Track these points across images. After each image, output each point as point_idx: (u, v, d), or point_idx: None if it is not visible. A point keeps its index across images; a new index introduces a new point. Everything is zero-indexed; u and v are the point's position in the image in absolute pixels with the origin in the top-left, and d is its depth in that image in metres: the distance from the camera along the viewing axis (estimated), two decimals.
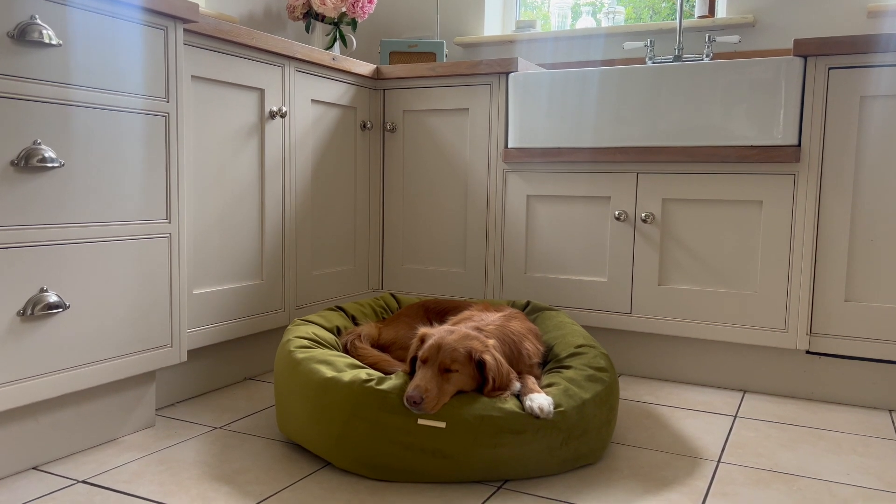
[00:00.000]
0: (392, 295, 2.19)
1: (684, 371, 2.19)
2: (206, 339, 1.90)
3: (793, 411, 1.93)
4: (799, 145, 1.97)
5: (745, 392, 2.10)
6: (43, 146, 1.40)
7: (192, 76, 1.82)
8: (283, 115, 2.09)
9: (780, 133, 1.98)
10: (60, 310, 1.44)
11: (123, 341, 1.59)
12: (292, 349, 1.64)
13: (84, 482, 1.42)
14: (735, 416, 1.88)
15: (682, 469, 1.53)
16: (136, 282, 1.61)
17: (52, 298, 1.43)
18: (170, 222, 1.68)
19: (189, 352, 1.89)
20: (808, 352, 2.03)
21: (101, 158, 1.52)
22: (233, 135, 1.96)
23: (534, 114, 2.27)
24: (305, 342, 1.68)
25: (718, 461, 1.58)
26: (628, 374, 2.26)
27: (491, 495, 1.39)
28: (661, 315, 2.16)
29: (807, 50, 1.93)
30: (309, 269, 2.27)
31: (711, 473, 1.51)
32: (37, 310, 1.40)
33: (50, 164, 1.41)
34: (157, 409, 1.84)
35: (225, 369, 2.07)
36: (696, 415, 1.88)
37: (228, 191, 1.96)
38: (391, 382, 1.46)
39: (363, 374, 1.49)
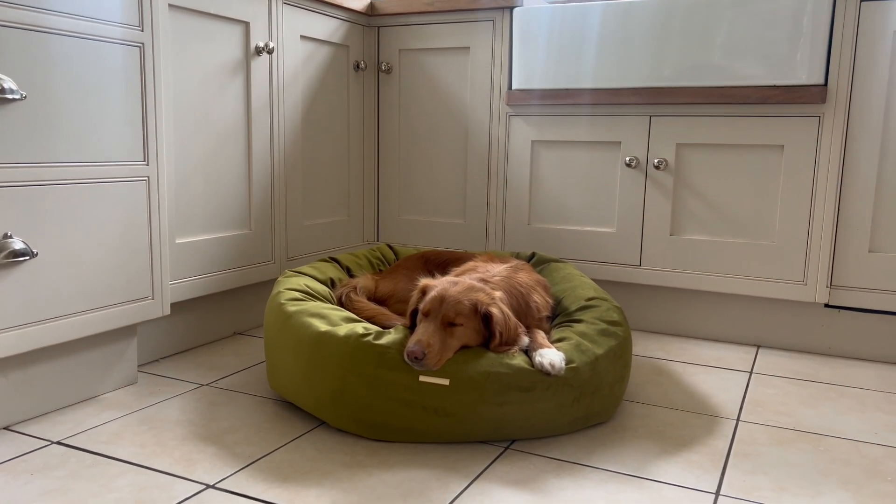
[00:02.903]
0: (389, 246, 2.07)
1: (696, 326, 2.09)
2: (191, 291, 1.79)
3: (811, 367, 1.84)
4: (825, 85, 1.84)
5: (759, 347, 2.01)
6: (1, 75, 1.26)
7: (170, 5, 1.66)
8: (270, 52, 1.93)
9: (805, 72, 1.84)
10: (27, 258, 1.32)
11: (100, 293, 1.47)
12: (283, 302, 1.52)
13: (59, 443, 1.32)
14: (751, 372, 1.78)
15: (699, 428, 1.44)
16: (112, 229, 1.48)
17: (18, 245, 1.30)
18: (147, 164, 1.54)
19: (173, 305, 1.77)
20: (826, 305, 1.94)
21: (69, 92, 1.37)
22: (216, 72, 1.81)
23: (540, 52, 2.11)
24: (297, 294, 1.57)
25: (738, 419, 1.49)
26: (637, 329, 2.16)
27: (497, 456, 1.30)
28: (673, 267, 2.05)
29: None
30: (300, 219, 2.14)
31: (731, 433, 1.42)
32: (0, 257, 1.27)
33: (10, 96, 1.26)
34: (139, 366, 1.73)
35: (212, 323, 1.96)
36: (710, 371, 1.79)
37: (212, 132, 1.82)
38: (390, 337, 1.36)
39: (360, 328, 1.38)
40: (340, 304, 1.66)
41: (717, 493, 1.18)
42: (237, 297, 2.03)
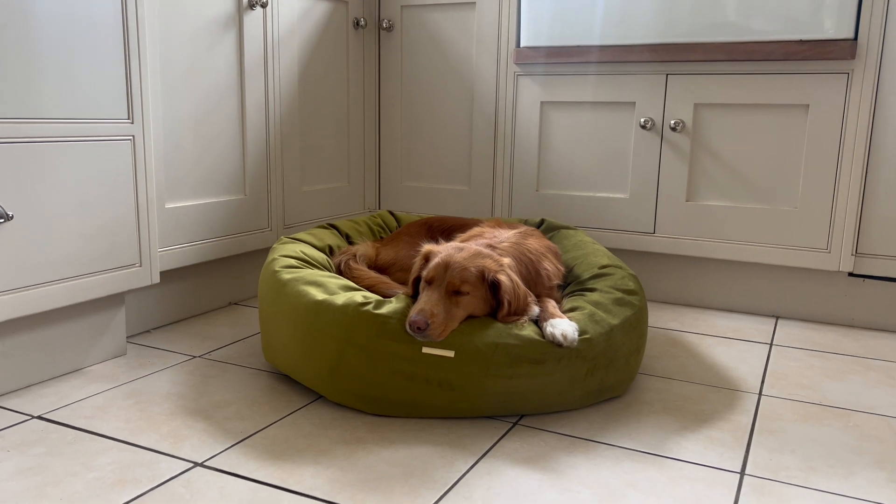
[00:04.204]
0: (391, 212, 1.98)
1: (712, 295, 2.00)
2: (183, 258, 1.70)
3: (834, 339, 1.75)
4: (855, 39, 1.72)
5: (777, 318, 1.92)
6: None
7: None
8: (263, 6, 1.82)
9: (834, 25, 1.73)
10: (2, 220, 1.23)
11: (83, 259, 1.38)
12: (278, 269, 1.43)
13: (39, 418, 1.24)
14: (771, 344, 1.70)
15: (719, 402, 1.36)
16: (95, 191, 1.39)
17: None
18: (132, 123, 1.44)
19: (164, 273, 1.69)
20: (850, 274, 1.84)
21: (44, 42, 1.27)
22: (206, 26, 1.70)
23: (551, 5, 1.99)
24: (293, 262, 1.48)
25: (760, 394, 1.40)
26: (651, 299, 2.07)
27: (506, 432, 1.22)
28: (688, 235, 1.95)
29: None
30: (298, 185, 2.05)
31: (754, 408, 1.34)
32: None
33: None
34: (128, 337, 1.66)
35: (206, 293, 1.88)
36: (728, 342, 1.70)
37: (203, 91, 1.71)
38: (391, 306, 1.27)
39: (359, 296, 1.30)
40: (339, 272, 1.57)
41: (742, 473, 1.10)
42: (232, 265, 1.94)
